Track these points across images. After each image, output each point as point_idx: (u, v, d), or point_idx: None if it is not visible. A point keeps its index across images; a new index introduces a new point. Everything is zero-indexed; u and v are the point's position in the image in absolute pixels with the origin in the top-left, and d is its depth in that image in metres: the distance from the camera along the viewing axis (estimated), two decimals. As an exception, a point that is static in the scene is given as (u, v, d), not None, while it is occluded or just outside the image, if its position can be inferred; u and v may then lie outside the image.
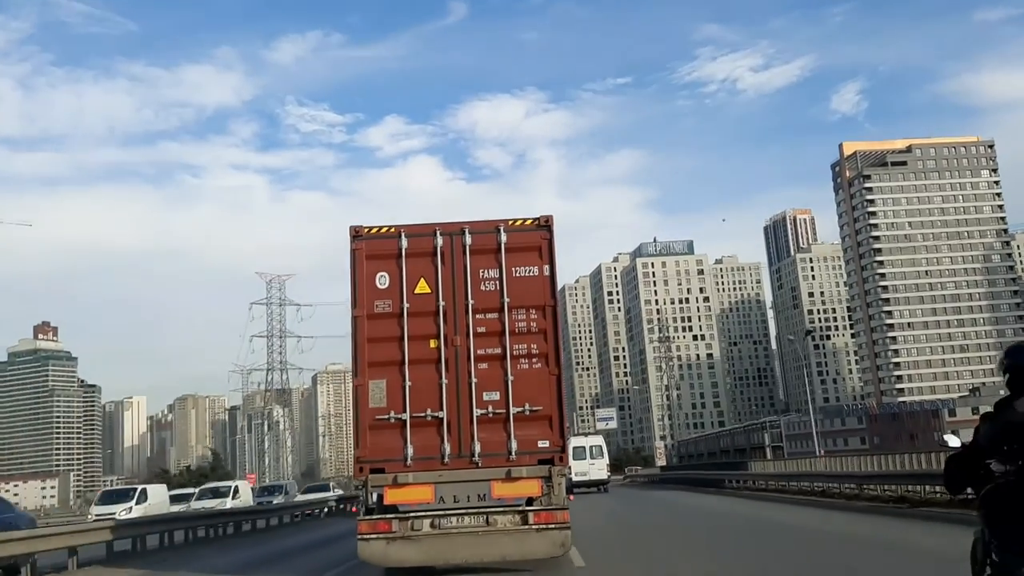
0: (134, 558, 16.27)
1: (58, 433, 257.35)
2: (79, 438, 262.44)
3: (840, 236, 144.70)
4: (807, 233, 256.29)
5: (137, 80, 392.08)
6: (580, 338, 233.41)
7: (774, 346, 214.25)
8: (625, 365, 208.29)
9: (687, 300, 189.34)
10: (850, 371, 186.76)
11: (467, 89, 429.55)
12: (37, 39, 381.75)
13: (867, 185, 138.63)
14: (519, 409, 9.64)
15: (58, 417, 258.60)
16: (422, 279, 9.93)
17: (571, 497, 13.40)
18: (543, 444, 9.64)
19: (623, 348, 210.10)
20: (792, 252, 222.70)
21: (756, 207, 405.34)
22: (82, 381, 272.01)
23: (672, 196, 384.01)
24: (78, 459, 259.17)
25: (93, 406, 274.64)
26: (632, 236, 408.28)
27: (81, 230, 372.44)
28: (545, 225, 10.15)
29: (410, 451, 9.55)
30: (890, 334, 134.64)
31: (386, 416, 9.65)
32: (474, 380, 9.70)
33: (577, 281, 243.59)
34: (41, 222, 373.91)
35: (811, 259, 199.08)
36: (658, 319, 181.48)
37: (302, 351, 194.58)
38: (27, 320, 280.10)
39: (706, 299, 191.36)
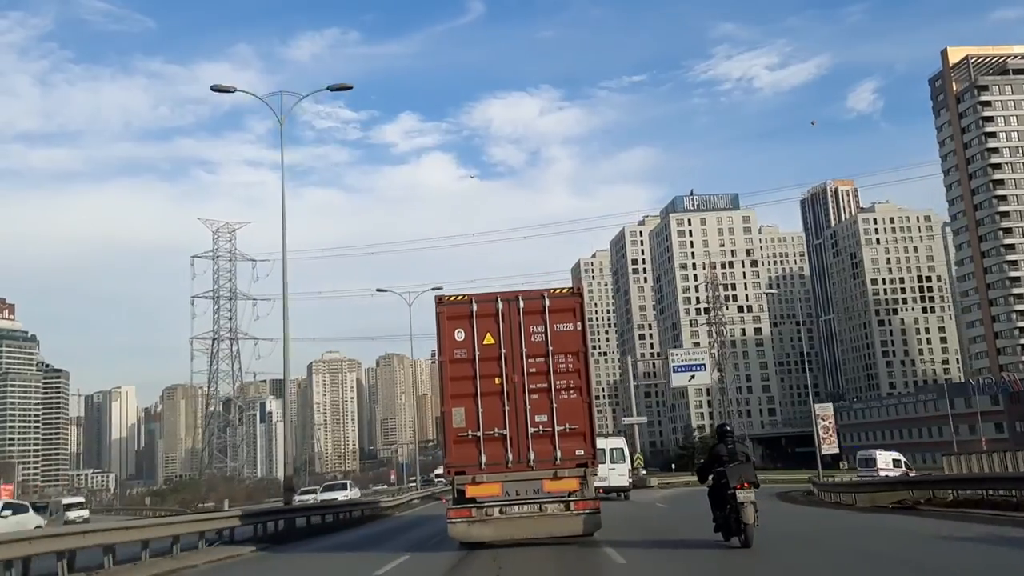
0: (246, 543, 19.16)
1: (12, 420, 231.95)
2: (37, 426, 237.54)
3: (942, 169, 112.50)
4: (850, 205, 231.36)
5: (154, 77, 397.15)
6: (598, 320, 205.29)
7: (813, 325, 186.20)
8: (652, 345, 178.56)
9: (731, 264, 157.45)
10: (920, 352, 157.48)
11: (482, 87, 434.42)
12: (57, 36, 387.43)
13: (983, 98, 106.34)
14: (561, 428, 13.91)
15: (12, 403, 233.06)
16: (488, 333, 14.19)
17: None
18: (579, 453, 13.93)
19: (650, 325, 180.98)
20: (834, 225, 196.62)
21: (767, 207, 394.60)
22: (46, 365, 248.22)
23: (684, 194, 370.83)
24: (35, 450, 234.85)
25: (59, 392, 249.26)
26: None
27: (94, 224, 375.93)
28: (577, 293, 14.65)
29: (483, 459, 13.90)
30: (1015, 290, 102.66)
31: (465, 433, 13.94)
32: (528, 407, 13.96)
33: (594, 256, 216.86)
34: (52, 217, 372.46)
35: (875, 219, 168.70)
36: (696, 285, 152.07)
37: (258, 317, 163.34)
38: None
39: (753, 263, 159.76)
